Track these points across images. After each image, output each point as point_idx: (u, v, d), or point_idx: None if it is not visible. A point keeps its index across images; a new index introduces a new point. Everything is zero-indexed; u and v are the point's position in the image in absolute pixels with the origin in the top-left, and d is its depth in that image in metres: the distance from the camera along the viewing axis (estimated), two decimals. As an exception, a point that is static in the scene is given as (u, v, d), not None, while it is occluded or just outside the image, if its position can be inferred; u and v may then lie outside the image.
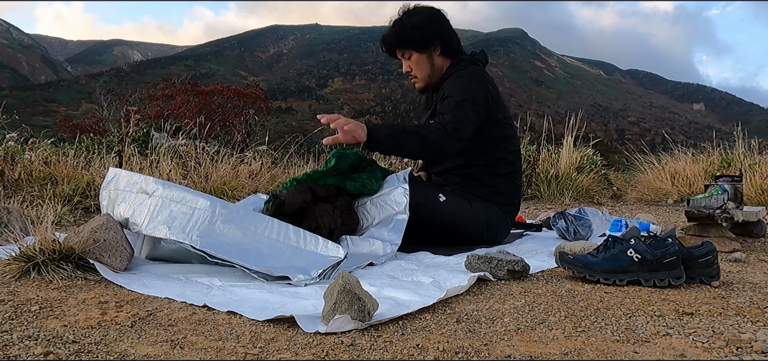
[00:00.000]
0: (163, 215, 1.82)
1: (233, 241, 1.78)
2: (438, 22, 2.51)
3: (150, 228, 1.81)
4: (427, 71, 2.51)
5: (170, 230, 1.78)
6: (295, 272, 1.69)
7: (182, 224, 1.79)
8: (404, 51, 2.52)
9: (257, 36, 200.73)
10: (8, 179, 3.56)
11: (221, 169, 4.44)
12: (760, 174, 4.94)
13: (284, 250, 1.80)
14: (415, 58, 2.51)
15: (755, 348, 1.15)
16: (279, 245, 1.82)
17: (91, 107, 27.30)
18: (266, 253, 1.78)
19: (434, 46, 2.49)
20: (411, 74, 2.55)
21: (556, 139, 6.09)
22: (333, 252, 1.82)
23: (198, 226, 1.79)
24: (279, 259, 1.76)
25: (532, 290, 1.63)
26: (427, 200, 2.32)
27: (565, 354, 1.12)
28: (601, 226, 2.75)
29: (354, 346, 1.14)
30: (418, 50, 2.49)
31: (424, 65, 2.51)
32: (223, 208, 1.86)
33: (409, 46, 2.49)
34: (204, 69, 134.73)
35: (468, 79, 2.41)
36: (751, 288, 1.71)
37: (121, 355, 1.07)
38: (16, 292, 1.49)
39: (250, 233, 1.82)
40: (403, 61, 2.56)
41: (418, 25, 2.47)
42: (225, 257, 1.73)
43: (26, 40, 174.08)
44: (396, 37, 2.50)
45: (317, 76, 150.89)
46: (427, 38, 2.48)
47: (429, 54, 2.50)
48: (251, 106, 12.13)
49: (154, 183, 1.90)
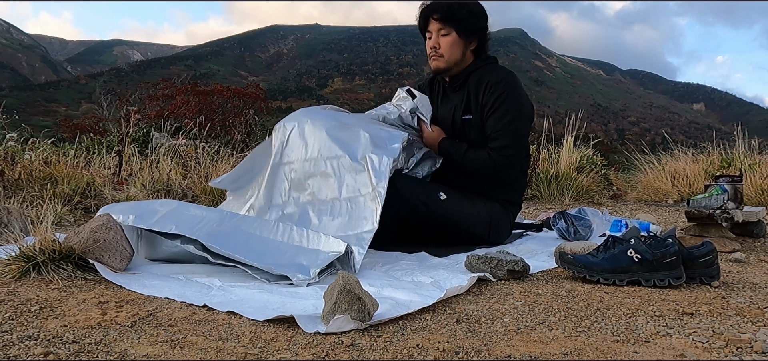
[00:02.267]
0: (173, 216, 1.89)
1: (239, 240, 1.83)
2: (486, 20, 2.48)
3: (159, 224, 1.86)
4: (457, 58, 2.43)
5: (177, 227, 1.83)
6: (296, 271, 1.70)
7: (191, 224, 1.85)
8: (445, 26, 2.40)
9: (257, 36, 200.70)
10: (8, 179, 3.56)
11: (221, 169, 4.44)
12: (760, 174, 4.94)
13: (287, 249, 1.83)
14: (453, 38, 2.41)
15: (755, 348, 1.15)
16: (283, 245, 1.85)
17: (91, 107, 27.32)
18: (269, 251, 1.80)
19: (474, 39, 2.45)
20: (437, 51, 2.43)
21: (556, 139, 6.08)
22: (334, 247, 1.83)
23: (206, 227, 1.85)
24: (281, 257, 1.78)
25: (532, 290, 1.63)
26: (427, 197, 2.30)
27: (565, 354, 1.12)
28: (601, 226, 2.75)
29: (354, 346, 1.14)
30: (460, 33, 2.40)
31: (457, 51, 2.42)
32: (232, 217, 1.93)
33: (456, 25, 2.39)
34: (204, 69, 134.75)
35: (515, 89, 2.40)
36: (751, 288, 1.71)
37: (121, 355, 1.07)
38: (16, 292, 1.49)
39: (255, 237, 1.87)
40: (433, 34, 2.43)
41: (475, 11, 2.43)
42: (228, 252, 1.75)
43: (26, 40, 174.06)
44: (449, 9, 2.39)
45: (317, 76, 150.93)
46: (476, 29, 2.43)
47: (466, 43, 2.43)
48: (251, 106, 12.12)
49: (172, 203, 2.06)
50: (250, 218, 1.97)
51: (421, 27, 2.49)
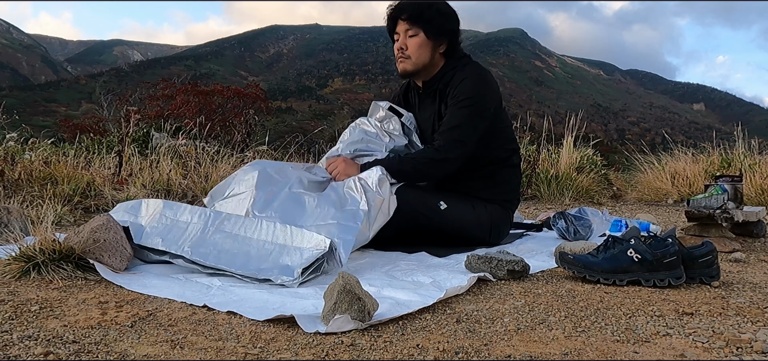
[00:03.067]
0: (159, 230, 1.89)
1: (223, 248, 1.81)
2: (456, 22, 2.42)
3: (146, 239, 1.86)
4: (425, 60, 2.36)
5: (164, 242, 1.84)
6: (279, 274, 1.68)
7: (176, 236, 1.85)
8: (412, 27, 2.34)
9: (257, 36, 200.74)
10: (8, 179, 3.56)
11: (221, 169, 4.44)
12: (760, 174, 4.94)
13: (272, 250, 1.80)
14: (420, 39, 2.34)
15: (755, 348, 1.15)
16: (267, 245, 1.81)
17: (91, 107, 27.33)
18: (254, 255, 1.78)
19: (443, 41, 2.38)
20: (404, 52, 2.36)
21: (556, 139, 6.09)
22: (320, 244, 1.78)
23: (190, 237, 1.84)
24: (265, 260, 1.76)
25: (532, 290, 1.63)
26: (427, 208, 2.26)
27: (565, 354, 1.12)
28: (601, 226, 2.75)
29: (354, 346, 1.14)
30: (428, 34, 2.34)
31: (425, 52, 2.36)
32: (216, 218, 1.91)
33: (423, 25, 2.33)
34: (204, 69, 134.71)
35: (480, 83, 2.34)
36: (751, 288, 1.71)
37: (121, 355, 1.07)
38: (16, 292, 1.49)
39: (239, 239, 1.84)
40: (400, 35, 2.37)
41: (444, 12, 2.37)
42: (214, 264, 1.75)
43: (26, 40, 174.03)
44: (416, 9, 2.33)
45: (317, 76, 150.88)
46: (445, 30, 2.37)
47: (435, 45, 2.37)
48: (251, 106, 12.12)
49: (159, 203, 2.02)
50: (234, 217, 1.92)
51: (390, 29, 2.43)
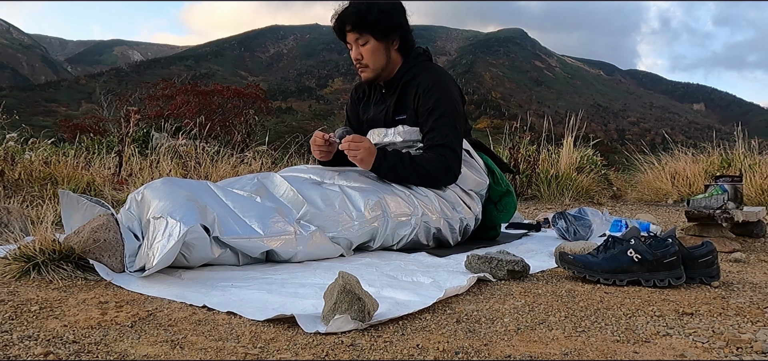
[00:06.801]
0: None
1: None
2: (402, 14, 2.36)
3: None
4: (382, 63, 2.33)
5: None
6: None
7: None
8: (361, 35, 2.30)
9: (257, 36, 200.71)
10: (8, 179, 3.56)
11: (221, 169, 4.44)
12: (760, 174, 4.95)
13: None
14: (372, 45, 2.30)
15: (755, 348, 1.15)
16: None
17: (91, 107, 27.35)
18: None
19: (394, 38, 2.34)
20: (361, 62, 2.33)
21: (556, 139, 6.10)
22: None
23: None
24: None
25: (532, 290, 1.63)
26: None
27: (565, 354, 1.12)
28: (601, 226, 2.75)
29: (354, 346, 1.14)
30: (377, 38, 2.30)
31: (381, 56, 2.32)
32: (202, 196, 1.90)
33: (370, 30, 2.28)
34: (204, 69, 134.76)
35: (448, 88, 2.33)
36: (751, 288, 1.71)
37: (121, 355, 1.07)
38: (16, 292, 1.49)
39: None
40: (353, 46, 2.33)
41: (386, 10, 2.29)
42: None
43: (26, 40, 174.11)
44: (358, 17, 2.27)
45: (317, 76, 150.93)
46: (392, 27, 2.31)
47: (387, 45, 2.33)
48: (251, 106, 12.14)
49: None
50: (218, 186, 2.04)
51: (341, 39, 2.39)
